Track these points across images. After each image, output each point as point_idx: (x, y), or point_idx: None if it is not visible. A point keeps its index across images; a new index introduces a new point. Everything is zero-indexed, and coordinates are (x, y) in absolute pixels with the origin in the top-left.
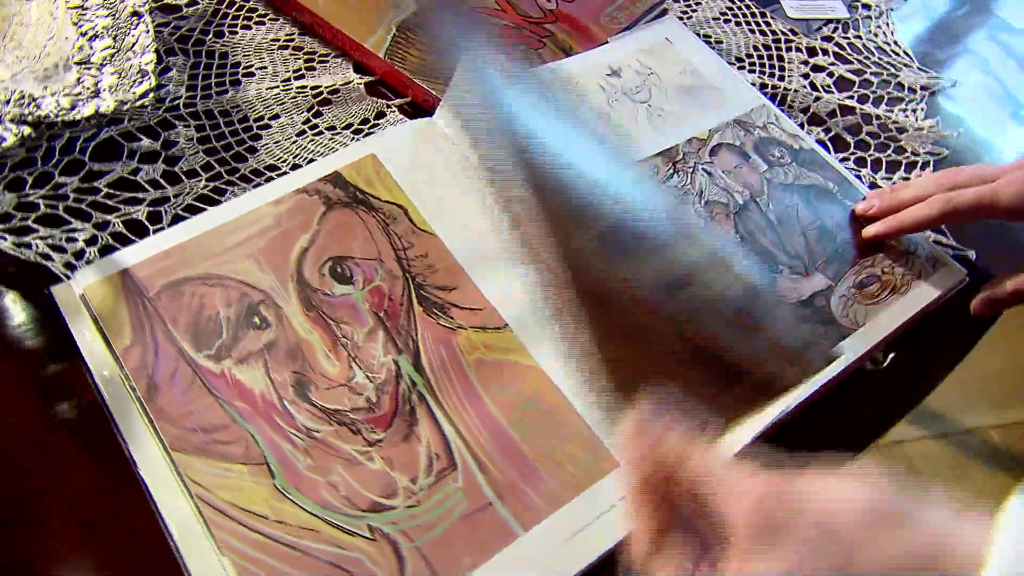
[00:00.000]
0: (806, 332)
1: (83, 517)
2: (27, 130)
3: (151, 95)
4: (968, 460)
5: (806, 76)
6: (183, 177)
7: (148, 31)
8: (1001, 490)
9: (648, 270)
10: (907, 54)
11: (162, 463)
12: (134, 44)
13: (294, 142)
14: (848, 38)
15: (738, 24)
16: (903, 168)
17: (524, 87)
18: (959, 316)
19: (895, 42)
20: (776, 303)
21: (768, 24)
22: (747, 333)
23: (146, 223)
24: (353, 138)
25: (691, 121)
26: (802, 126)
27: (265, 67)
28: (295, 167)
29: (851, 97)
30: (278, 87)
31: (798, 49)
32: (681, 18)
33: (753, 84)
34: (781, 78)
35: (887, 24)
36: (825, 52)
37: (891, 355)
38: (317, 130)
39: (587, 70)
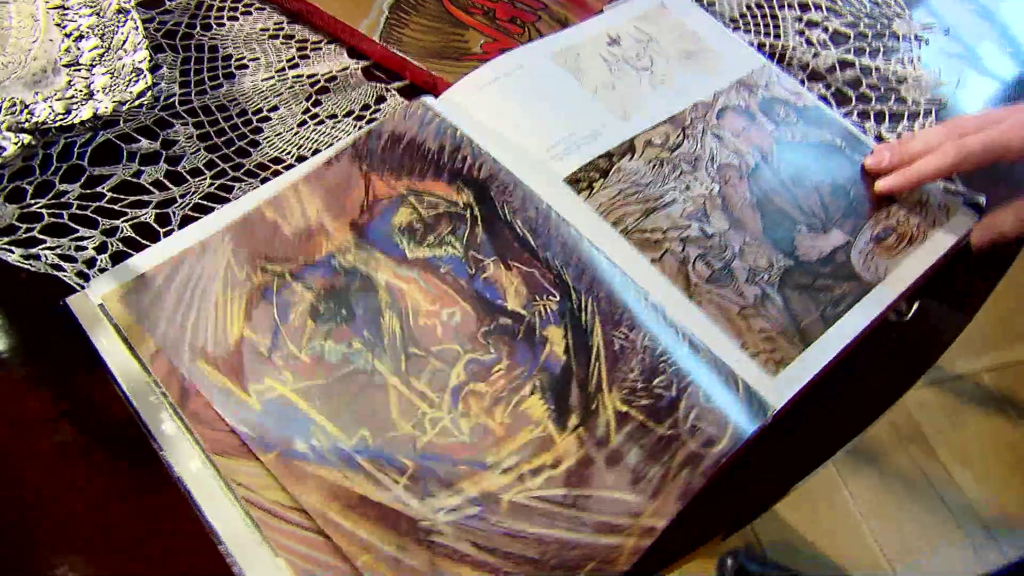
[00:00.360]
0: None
1: (123, 530)
2: (27, 138)
3: (149, 93)
4: (962, 406)
5: (801, 33)
6: (187, 176)
7: (137, 28)
8: (996, 435)
9: None
10: (898, 3)
11: (203, 468)
12: (124, 42)
13: (296, 133)
14: None
15: None
16: (906, 118)
17: None
18: (976, 262)
19: None
20: None
21: None
22: None
23: (155, 226)
24: (356, 126)
25: (695, 86)
26: (803, 83)
27: (257, 58)
28: (300, 159)
29: (848, 51)
30: (273, 78)
31: (790, 6)
32: None
33: (750, 44)
34: (777, 36)
35: None
36: (818, 7)
37: (915, 305)
38: (318, 119)
39: (587, 41)
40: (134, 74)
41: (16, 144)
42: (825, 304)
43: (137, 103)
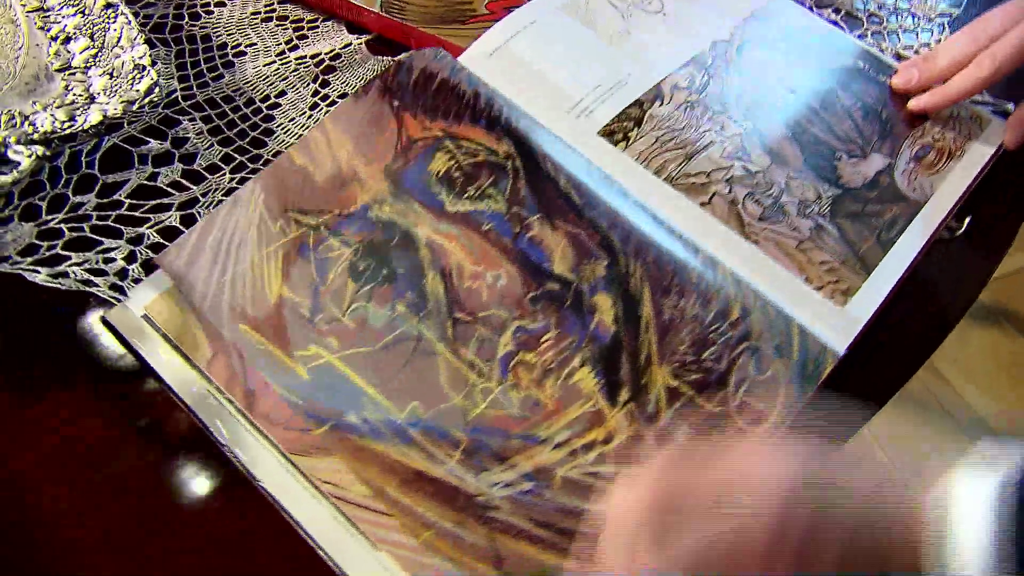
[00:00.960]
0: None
1: (213, 535)
2: (40, 149)
3: (157, 90)
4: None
5: None
6: (205, 174)
7: (130, 22)
8: (995, 348)
9: None
10: None
11: (283, 471)
12: (118, 39)
13: (309, 116)
14: None
15: None
16: (920, 32)
17: None
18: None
19: None
20: None
21: None
22: None
23: (181, 228)
24: None
25: (710, 24)
26: (811, 9)
27: (254, 43)
28: None
29: None
30: (275, 62)
31: None
32: None
33: None
34: None
35: None
36: None
37: (967, 219)
38: (329, 100)
39: None
40: (136, 71)
41: (30, 157)
42: (879, 228)
43: (147, 101)
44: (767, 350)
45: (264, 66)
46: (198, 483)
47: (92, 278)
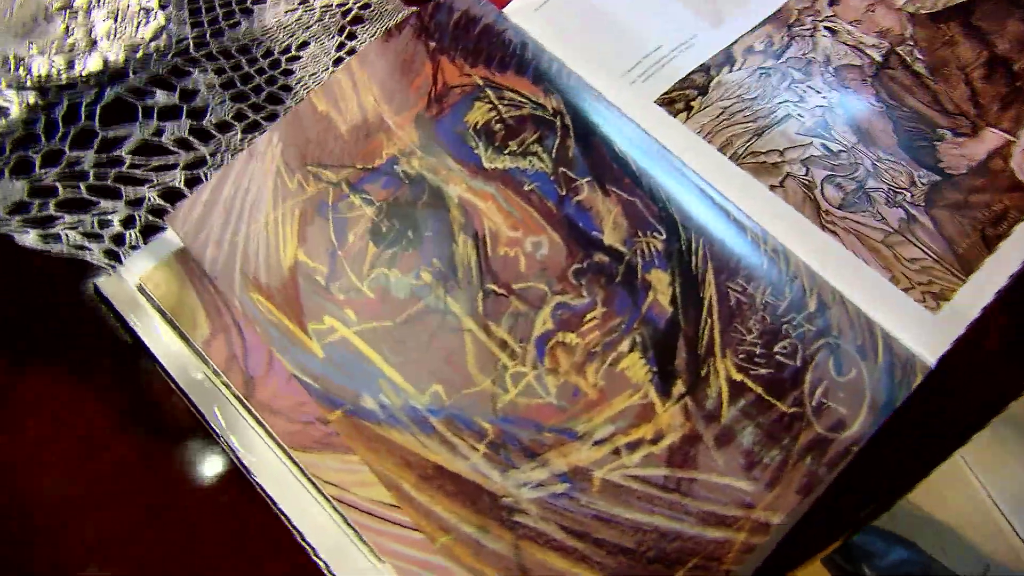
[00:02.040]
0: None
1: (205, 532)
2: (31, 97)
3: (164, 35)
4: None
5: None
6: (215, 132)
7: None
8: None
9: None
10: None
11: (281, 466)
12: None
13: (331, 72)
14: None
15: None
16: None
17: None
18: None
19: None
20: None
21: None
22: None
23: (185, 191)
24: None
25: None
26: None
27: None
28: None
29: None
30: (298, 10)
31: None
32: None
33: None
34: None
35: None
36: None
37: None
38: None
39: None
40: (142, 15)
41: (20, 104)
42: (984, 223)
43: (153, 47)
44: (849, 349)
45: (286, 14)
46: (192, 476)
47: (86, 243)
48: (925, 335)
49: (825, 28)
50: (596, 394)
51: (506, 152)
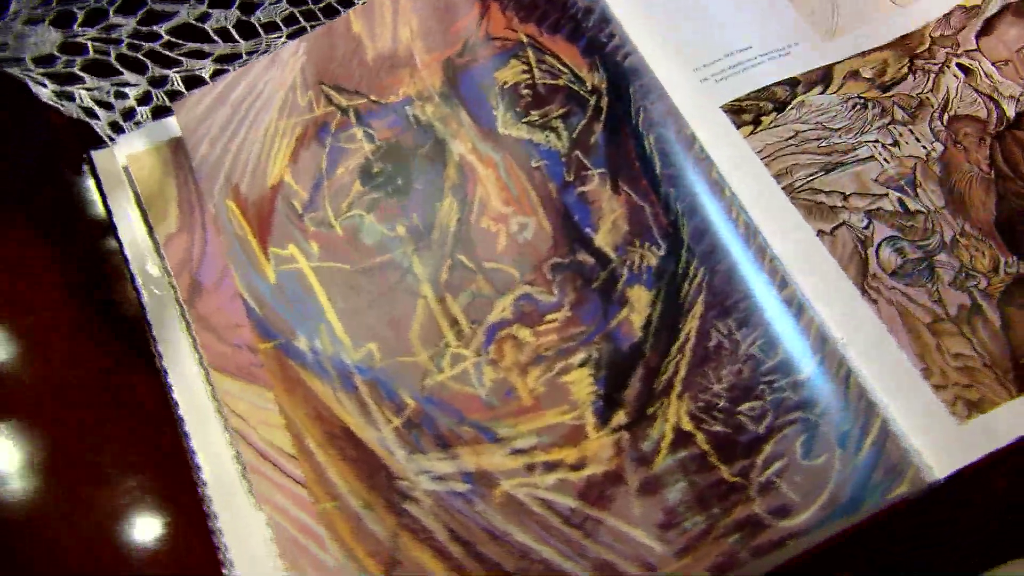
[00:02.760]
0: None
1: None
2: None
3: None
4: None
5: None
6: (260, 30)
7: None
8: None
9: None
10: None
11: (200, 385)
12: None
13: None
14: None
15: None
16: None
17: None
18: None
19: None
20: None
21: None
22: None
23: (210, 82)
24: None
25: None
26: None
27: None
28: None
29: None
30: None
31: None
32: None
33: None
34: None
35: None
36: None
37: None
38: None
39: None
40: None
41: None
42: None
43: None
44: (828, 432)
45: None
46: (115, 365)
47: (96, 109)
48: (941, 444)
49: (958, 65)
50: (530, 400)
51: (525, 120)
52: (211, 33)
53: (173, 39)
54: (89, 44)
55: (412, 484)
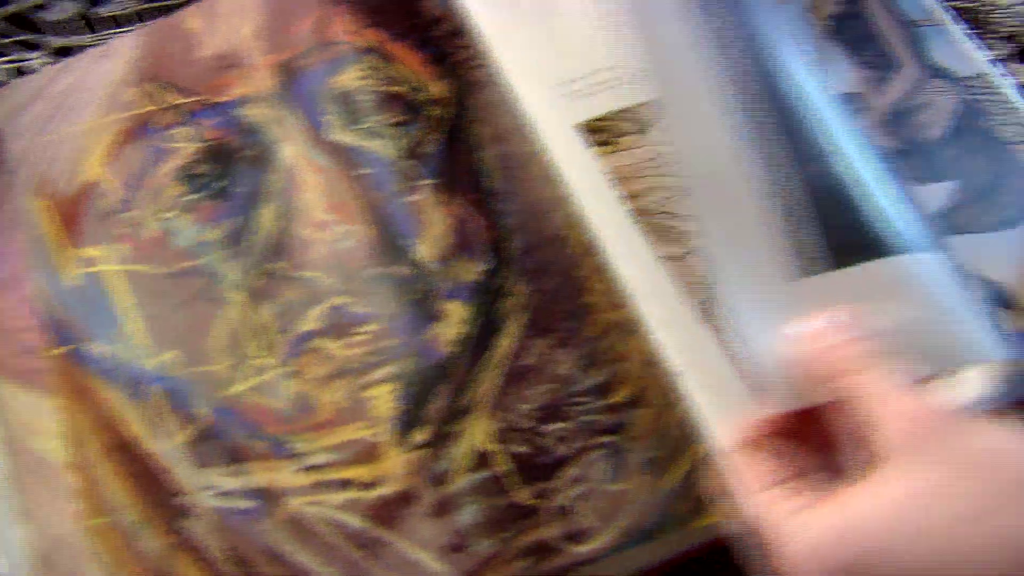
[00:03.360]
0: None
1: None
2: None
3: None
4: None
5: None
6: (111, 22)
7: None
8: None
9: None
10: None
11: None
12: None
13: None
14: None
15: None
16: None
17: None
18: None
19: None
20: None
21: None
22: None
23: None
24: None
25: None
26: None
27: None
28: None
29: None
30: None
31: None
32: None
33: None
34: None
35: None
36: None
37: None
38: None
39: None
40: None
41: None
42: None
43: None
44: (637, 458)
45: None
46: None
47: None
48: None
49: None
50: (331, 414)
51: (355, 127)
52: (46, 24)
53: (7, 27)
54: None
55: (193, 500)
